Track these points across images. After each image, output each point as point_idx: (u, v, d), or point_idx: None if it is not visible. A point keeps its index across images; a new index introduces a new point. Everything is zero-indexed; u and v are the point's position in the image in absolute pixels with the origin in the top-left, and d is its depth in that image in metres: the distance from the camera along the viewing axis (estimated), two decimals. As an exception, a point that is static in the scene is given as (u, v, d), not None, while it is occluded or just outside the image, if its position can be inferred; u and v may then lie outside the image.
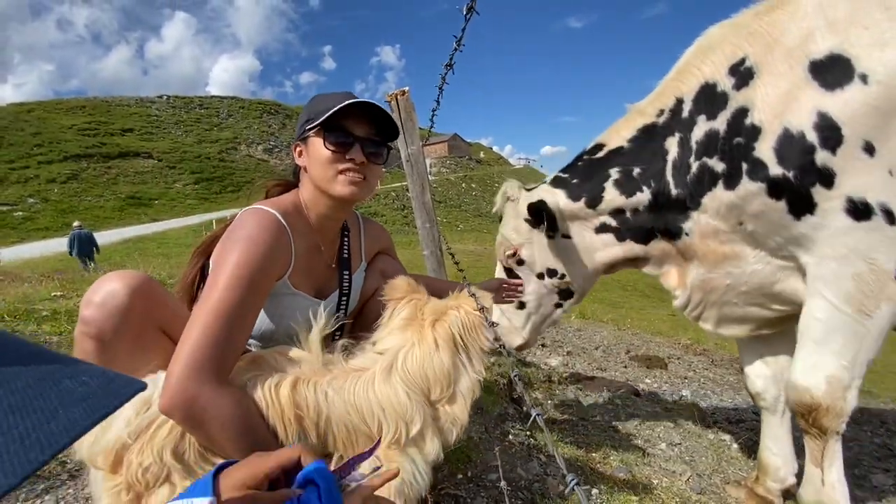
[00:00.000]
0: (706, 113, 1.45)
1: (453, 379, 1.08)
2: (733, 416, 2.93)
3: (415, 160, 2.35)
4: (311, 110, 1.25)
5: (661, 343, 5.15)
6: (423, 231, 2.49)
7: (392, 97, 2.23)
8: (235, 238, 1.10)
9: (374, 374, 1.05)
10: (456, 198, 50.18)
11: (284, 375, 1.03)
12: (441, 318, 1.13)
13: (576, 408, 2.51)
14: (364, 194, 1.25)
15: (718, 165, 1.41)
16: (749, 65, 1.37)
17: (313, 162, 1.24)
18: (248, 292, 1.05)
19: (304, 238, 1.27)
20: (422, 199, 2.43)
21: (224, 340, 1.00)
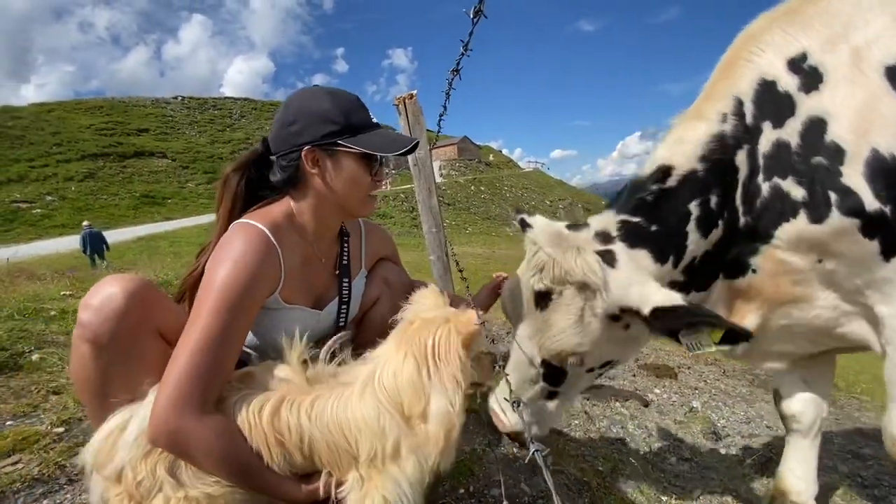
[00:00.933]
0: (771, 119, 1.20)
1: (424, 393, 1.00)
2: (746, 430, 2.84)
3: (422, 164, 2.33)
4: (344, 118, 1.17)
5: (670, 352, 5.05)
6: (430, 236, 2.46)
7: (400, 100, 2.21)
8: (220, 259, 1.08)
9: (356, 390, 1.02)
10: (465, 200, 50.17)
11: (269, 397, 1.01)
12: (424, 327, 1.05)
13: (582, 418, 2.45)
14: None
15: (797, 191, 1.16)
16: (813, 63, 1.17)
17: (342, 180, 1.20)
18: (233, 317, 1.04)
19: (298, 250, 1.24)
20: (428, 203, 2.40)
21: (208, 369, 0.99)
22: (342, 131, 1.16)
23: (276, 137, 1.21)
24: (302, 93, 1.22)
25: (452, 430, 1.01)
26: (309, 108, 1.18)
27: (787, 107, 1.18)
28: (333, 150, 1.18)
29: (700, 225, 1.24)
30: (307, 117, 1.17)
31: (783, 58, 1.21)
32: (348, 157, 1.19)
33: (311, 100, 1.19)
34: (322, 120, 1.16)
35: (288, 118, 1.19)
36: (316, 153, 1.18)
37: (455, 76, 1.52)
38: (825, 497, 1.95)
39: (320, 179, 1.20)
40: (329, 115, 1.16)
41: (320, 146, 1.17)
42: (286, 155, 1.20)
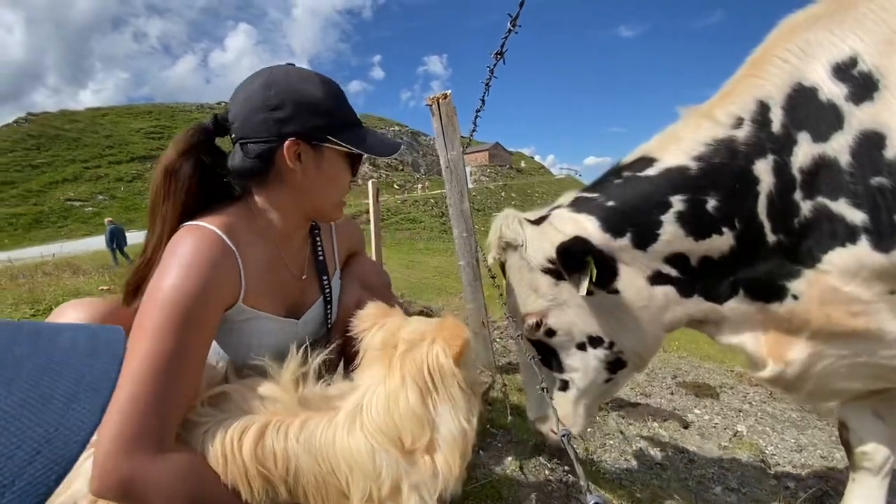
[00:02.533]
0: (810, 130, 1.07)
1: (428, 423, 0.89)
2: (798, 459, 2.61)
3: (454, 166, 2.26)
4: (335, 112, 1.04)
5: (711, 369, 4.77)
6: (460, 241, 2.39)
7: (433, 100, 2.15)
8: (166, 268, 0.91)
9: (341, 420, 0.89)
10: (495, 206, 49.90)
11: (251, 421, 0.86)
12: (414, 348, 0.93)
13: (618, 439, 2.30)
14: None
15: (853, 214, 1.03)
16: (866, 68, 1.03)
17: (322, 179, 1.07)
18: (184, 333, 0.87)
19: (261, 252, 1.07)
20: (460, 206, 2.32)
21: (159, 399, 0.83)
22: (332, 125, 1.03)
23: (250, 120, 1.01)
24: (287, 71, 1.04)
25: (468, 450, 0.91)
26: (299, 92, 1.01)
27: (832, 119, 1.04)
28: (320, 146, 1.04)
29: (683, 221, 1.16)
30: (296, 103, 1.00)
31: (827, 62, 1.06)
32: (334, 155, 1.06)
33: (301, 83, 1.02)
34: (313, 109, 1.01)
35: (270, 100, 1.00)
36: (300, 146, 1.02)
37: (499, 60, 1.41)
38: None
39: (299, 176, 1.04)
40: (321, 105, 1.02)
41: (307, 139, 1.02)
42: (262, 143, 1.01)
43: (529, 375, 1.41)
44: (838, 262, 1.06)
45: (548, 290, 1.26)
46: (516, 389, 2.31)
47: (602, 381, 1.36)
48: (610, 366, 1.33)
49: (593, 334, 1.28)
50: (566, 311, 1.27)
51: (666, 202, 1.16)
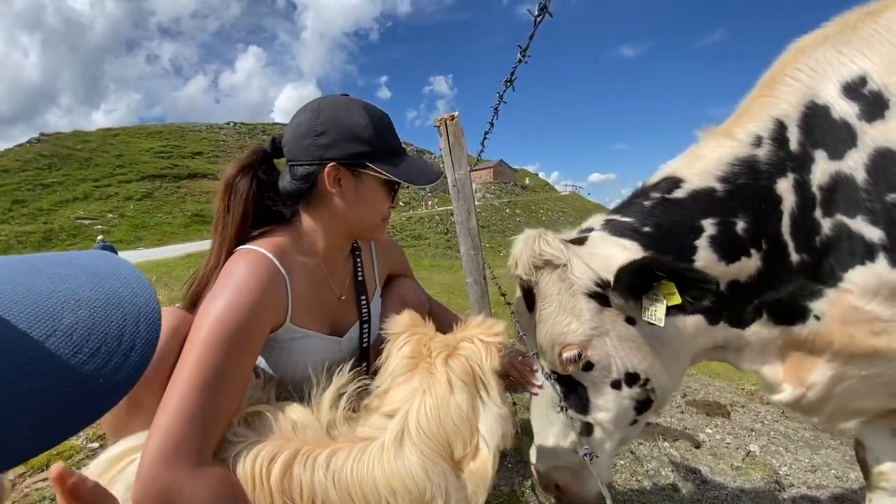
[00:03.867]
0: (826, 148, 1.07)
1: (476, 426, 0.89)
2: (812, 480, 2.56)
3: (461, 185, 2.29)
4: (376, 140, 1.09)
5: (721, 388, 4.70)
6: (468, 258, 2.41)
7: (441, 122, 2.20)
8: (220, 288, 0.97)
9: (384, 446, 0.87)
10: (500, 223, 50.07)
11: (281, 448, 0.86)
12: (454, 353, 0.95)
13: (629, 459, 2.27)
14: None
15: (871, 231, 1.03)
16: (876, 88, 1.04)
17: (362, 202, 1.12)
18: (232, 353, 0.91)
19: (308, 274, 1.14)
20: (467, 225, 2.35)
21: (203, 414, 0.86)
22: (373, 153, 1.09)
23: (298, 144, 1.10)
24: (336, 101, 1.12)
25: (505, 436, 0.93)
26: (343, 120, 1.08)
27: (845, 137, 1.05)
28: (359, 172, 1.10)
29: (717, 246, 1.12)
30: (339, 131, 1.08)
31: (838, 81, 1.08)
32: (373, 181, 1.12)
33: (346, 112, 1.09)
34: (354, 137, 1.07)
35: (317, 127, 1.08)
36: (340, 171, 1.09)
37: (508, 87, 1.46)
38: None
39: (339, 199, 1.11)
40: (363, 133, 1.08)
41: (347, 165, 1.08)
42: (307, 166, 1.09)
43: (544, 417, 1.28)
44: (859, 280, 1.05)
45: (591, 318, 1.12)
46: (525, 408, 2.30)
47: (627, 424, 1.25)
48: (639, 406, 1.22)
49: (631, 370, 1.17)
50: (606, 342, 1.14)
51: (698, 226, 1.12)
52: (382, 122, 1.13)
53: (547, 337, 1.15)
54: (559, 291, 1.13)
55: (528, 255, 1.15)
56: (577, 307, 1.13)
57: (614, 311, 1.13)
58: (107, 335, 0.37)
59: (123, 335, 0.37)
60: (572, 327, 1.12)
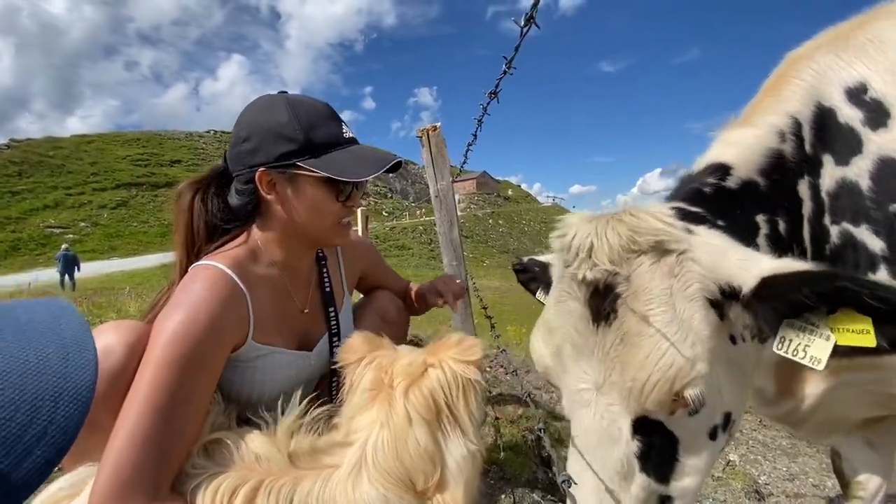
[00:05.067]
0: (833, 153, 1.02)
1: (439, 459, 0.85)
2: (791, 488, 2.59)
3: (444, 196, 2.28)
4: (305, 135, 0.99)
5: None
6: (450, 269, 2.39)
7: (423, 132, 2.19)
8: (174, 305, 0.90)
9: (343, 475, 0.83)
10: (483, 233, 50.35)
11: (243, 480, 0.81)
12: (416, 382, 0.88)
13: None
14: None
15: (874, 242, 0.98)
16: (876, 96, 1.01)
17: (305, 209, 1.03)
18: (189, 375, 0.85)
19: (269, 287, 1.07)
20: (449, 235, 2.34)
21: (158, 442, 0.80)
22: (301, 150, 0.98)
23: (231, 155, 1.05)
24: (257, 102, 1.05)
25: (475, 472, 0.87)
26: (262, 121, 1.00)
27: (851, 143, 1.01)
28: (291, 173, 1.00)
29: (771, 246, 0.98)
30: (260, 133, 1.00)
31: (840, 86, 1.04)
32: (309, 182, 1.01)
33: (266, 111, 1.01)
34: (276, 136, 0.99)
35: (241, 133, 1.02)
36: (271, 176, 1.01)
37: (493, 99, 1.45)
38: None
39: (279, 206, 1.03)
40: (285, 130, 0.98)
41: (275, 168, 1.00)
42: (241, 176, 1.03)
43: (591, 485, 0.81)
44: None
45: (711, 336, 0.77)
46: (508, 422, 2.27)
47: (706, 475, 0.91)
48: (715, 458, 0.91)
49: (728, 408, 0.85)
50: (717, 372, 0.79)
51: (755, 223, 0.98)
52: (313, 114, 1.02)
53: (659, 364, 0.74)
54: (671, 292, 0.76)
55: (625, 232, 0.78)
56: (695, 319, 0.76)
57: (725, 327, 0.81)
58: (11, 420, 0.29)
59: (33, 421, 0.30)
60: (697, 350, 0.75)
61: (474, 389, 0.88)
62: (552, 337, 0.85)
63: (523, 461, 1.88)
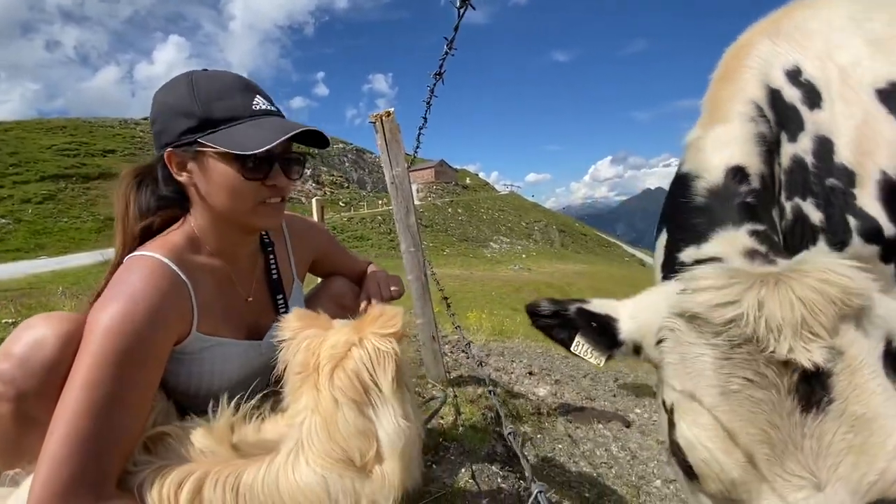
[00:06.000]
0: (786, 131, 1.08)
1: (372, 433, 0.87)
2: (726, 447, 2.84)
3: (399, 183, 2.28)
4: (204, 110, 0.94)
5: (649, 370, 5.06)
6: (408, 255, 2.40)
7: (377, 118, 2.17)
8: (110, 297, 0.86)
9: (282, 461, 0.85)
10: (442, 222, 50.44)
11: (190, 471, 0.81)
12: (340, 364, 0.88)
13: (566, 443, 2.38)
14: (283, 217, 1.07)
15: (815, 214, 1.05)
16: (809, 78, 1.09)
17: (216, 189, 0.97)
18: (127, 371, 0.81)
19: (212, 276, 1.04)
20: (406, 222, 2.35)
21: (96, 439, 0.76)
22: (201, 126, 0.94)
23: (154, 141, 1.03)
24: (165, 83, 1.01)
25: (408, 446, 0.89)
26: (165, 100, 0.97)
27: (797, 120, 1.07)
28: (195, 151, 0.96)
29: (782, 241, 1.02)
30: (165, 112, 0.97)
31: (781, 68, 1.11)
32: (214, 159, 0.95)
33: (170, 90, 0.98)
34: (177, 114, 0.95)
35: (152, 116, 0.99)
36: (180, 157, 0.97)
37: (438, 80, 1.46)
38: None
39: (194, 188, 1.00)
40: (185, 106, 0.95)
41: (179, 147, 0.96)
42: (159, 162, 1.01)
43: None
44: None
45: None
46: (468, 402, 2.33)
47: None
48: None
49: None
50: None
51: (774, 221, 1.02)
52: (216, 87, 0.97)
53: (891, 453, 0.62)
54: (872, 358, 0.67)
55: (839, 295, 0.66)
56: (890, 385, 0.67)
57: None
58: None
59: None
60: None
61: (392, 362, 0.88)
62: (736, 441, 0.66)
63: (482, 437, 1.95)
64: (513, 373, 3.54)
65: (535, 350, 4.21)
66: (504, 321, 6.20)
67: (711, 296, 0.69)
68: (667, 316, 0.76)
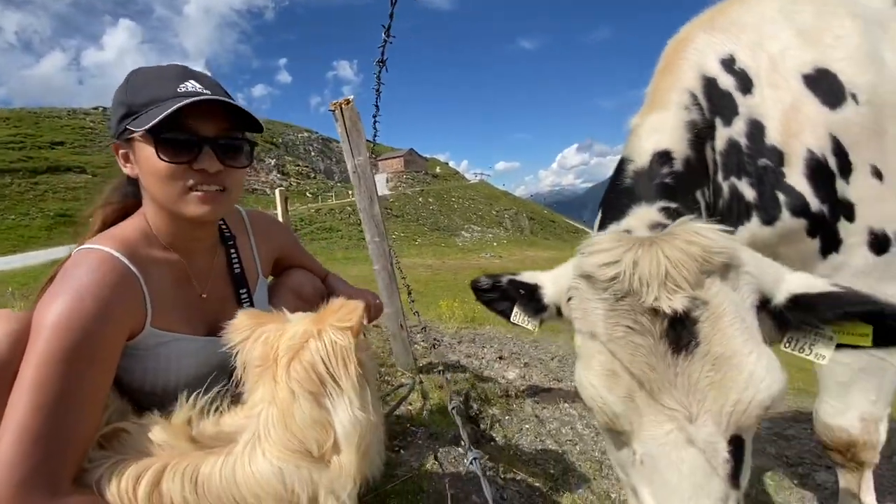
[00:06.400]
0: (721, 116, 1.17)
1: (329, 423, 0.88)
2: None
3: (362, 172, 2.26)
4: (131, 97, 0.95)
5: (614, 351, 5.27)
6: (373, 245, 2.39)
7: (336, 106, 2.14)
8: (57, 292, 0.84)
9: (239, 452, 0.86)
10: (413, 212, 50.21)
11: (147, 465, 0.81)
12: (297, 355, 0.89)
13: (534, 423, 2.46)
14: (225, 208, 1.01)
15: (749, 192, 1.14)
16: (742, 66, 1.19)
17: (147, 176, 0.95)
18: (77, 368, 0.80)
19: (168, 270, 1.02)
20: (370, 212, 2.33)
21: (49, 437, 0.76)
22: (129, 112, 0.94)
23: None
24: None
25: (365, 438, 0.89)
26: (114, 96, 1.00)
27: (731, 106, 1.16)
28: (125, 138, 0.97)
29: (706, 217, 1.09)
30: (113, 106, 0.99)
31: (716, 56, 1.20)
32: (141, 144, 0.94)
33: (120, 83, 1.01)
34: (116, 105, 0.97)
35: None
36: (120, 147, 1.00)
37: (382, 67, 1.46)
38: (757, 476, 2.07)
39: (141, 179, 0.99)
40: (122, 95, 0.97)
41: (120, 137, 0.98)
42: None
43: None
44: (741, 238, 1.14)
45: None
46: (436, 387, 2.37)
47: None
48: None
49: None
50: None
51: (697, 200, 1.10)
52: (148, 77, 0.98)
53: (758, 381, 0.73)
54: (737, 308, 0.76)
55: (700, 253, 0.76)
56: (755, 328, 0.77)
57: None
58: None
59: None
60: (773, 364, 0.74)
61: (349, 355, 0.88)
62: (618, 381, 0.76)
63: (449, 421, 1.99)
64: (483, 358, 3.61)
65: (506, 336, 4.29)
66: (476, 309, 6.27)
67: (600, 258, 0.80)
68: (573, 277, 0.87)
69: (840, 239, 1.13)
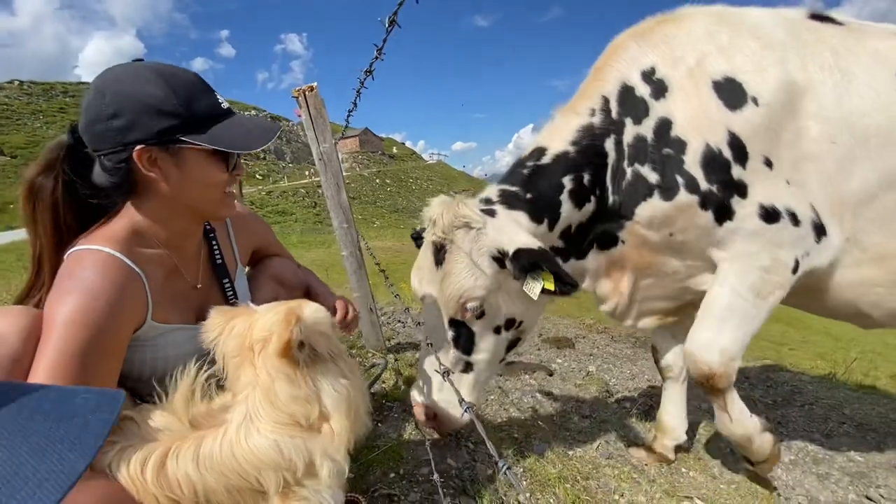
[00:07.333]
0: (632, 117, 1.48)
1: (312, 397, 0.96)
2: (632, 385, 3.28)
3: (328, 158, 2.28)
4: (182, 108, 0.95)
5: (568, 324, 5.58)
6: (341, 232, 2.43)
7: (300, 92, 2.14)
8: (65, 291, 0.88)
9: (233, 431, 0.93)
10: (371, 194, 49.35)
11: (152, 449, 0.87)
12: (266, 342, 0.95)
13: (497, 393, 2.63)
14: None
15: (651, 175, 1.44)
16: (660, 76, 1.46)
17: (191, 181, 1.01)
18: (91, 362, 0.86)
19: (160, 266, 1.07)
20: (338, 199, 2.37)
21: None
22: (184, 125, 0.96)
23: (91, 131, 0.96)
24: (121, 74, 0.96)
25: (353, 405, 0.99)
26: (135, 95, 0.93)
27: (643, 109, 1.47)
28: (176, 149, 0.98)
29: (573, 197, 1.48)
30: (136, 109, 0.93)
31: (638, 69, 1.50)
32: (196, 155, 1.00)
33: (135, 84, 0.94)
34: (155, 112, 0.93)
35: (106, 108, 0.93)
36: (152, 153, 0.96)
37: (368, 76, 1.52)
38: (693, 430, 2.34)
39: (164, 182, 1.00)
40: (165, 105, 0.94)
41: (157, 144, 0.96)
42: (111, 154, 0.96)
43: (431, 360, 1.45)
44: (642, 213, 1.47)
45: (492, 275, 1.39)
46: (407, 365, 2.48)
47: (498, 361, 1.57)
48: (510, 345, 1.57)
49: (510, 316, 1.49)
50: (497, 296, 1.44)
51: (561, 183, 1.46)
52: (188, 86, 0.99)
53: (455, 288, 1.38)
54: (471, 250, 1.36)
55: (451, 215, 1.36)
56: (482, 265, 1.37)
57: (506, 271, 1.38)
58: None
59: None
60: (479, 282, 1.37)
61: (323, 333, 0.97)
62: (419, 272, 1.48)
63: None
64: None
65: (468, 314, 4.44)
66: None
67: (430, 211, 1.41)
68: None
69: (734, 210, 1.41)
